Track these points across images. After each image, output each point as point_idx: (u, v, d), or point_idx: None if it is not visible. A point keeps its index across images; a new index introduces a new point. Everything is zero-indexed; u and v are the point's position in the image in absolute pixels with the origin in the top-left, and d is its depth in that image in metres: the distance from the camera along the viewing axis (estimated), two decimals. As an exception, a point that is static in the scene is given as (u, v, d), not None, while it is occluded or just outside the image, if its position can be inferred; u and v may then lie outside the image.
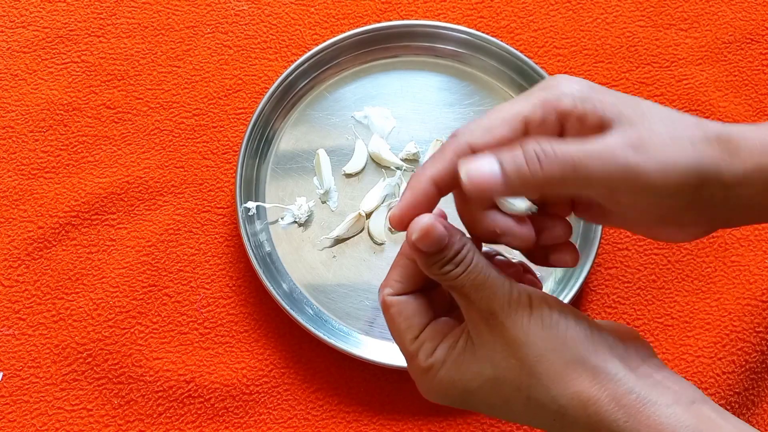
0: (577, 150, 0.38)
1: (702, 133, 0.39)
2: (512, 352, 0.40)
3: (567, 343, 0.40)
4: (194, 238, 0.66)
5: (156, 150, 0.69)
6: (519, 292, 0.41)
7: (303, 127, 0.68)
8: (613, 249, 0.66)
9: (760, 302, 0.63)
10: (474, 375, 0.42)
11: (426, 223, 0.40)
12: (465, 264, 0.41)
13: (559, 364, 0.40)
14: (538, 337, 0.40)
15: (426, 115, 0.69)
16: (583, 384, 0.40)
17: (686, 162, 0.38)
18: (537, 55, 0.72)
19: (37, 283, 0.64)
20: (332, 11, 0.74)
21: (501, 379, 0.41)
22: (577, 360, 0.40)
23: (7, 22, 0.73)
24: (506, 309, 0.41)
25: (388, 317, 0.44)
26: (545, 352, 0.40)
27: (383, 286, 0.45)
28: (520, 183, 0.38)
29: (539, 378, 0.40)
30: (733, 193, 0.40)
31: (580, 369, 0.40)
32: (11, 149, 0.68)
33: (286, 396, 0.61)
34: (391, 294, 0.44)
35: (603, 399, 0.39)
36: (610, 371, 0.40)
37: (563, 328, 0.41)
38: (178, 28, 0.73)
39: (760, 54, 0.73)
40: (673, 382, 0.41)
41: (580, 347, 0.40)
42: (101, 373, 0.62)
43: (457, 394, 0.43)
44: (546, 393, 0.40)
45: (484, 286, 0.41)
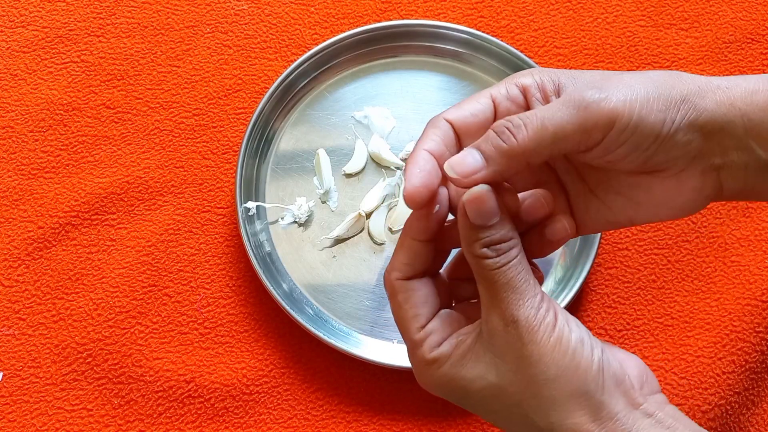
0: (542, 110, 0.39)
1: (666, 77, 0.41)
2: (522, 368, 0.40)
3: (578, 372, 0.40)
4: (194, 238, 0.66)
5: (156, 150, 0.69)
6: (546, 309, 0.40)
7: (303, 127, 0.68)
8: (613, 249, 0.66)
9: (760, 302, 0.63)
10: (476, 377, 0.41)
11: (482, 189, 0.39)
12: (507, 257, 0.40)
13: (565, 393, 0.39)
14: (552, 361, 0.39)
15: (426, 115, 0.69)
16: (583, 418, 0.39)
17: (646, 91, 0.39)
18: (537, 55, 0.72)
19: (37, 283, 0.64)
20: (332, 11, 0.74)
21: (503, 389, 0.41)
22: (583, 392, 0.39)
23: (6, 22, 0.73)
24: (530, 322, 0.40)
25: (394, 303, 0.44)
26: (555, 378, 0.39)
27: (389, 269, 0.44)
28: (501, 159, 0.39)
29: (541, 401, 0.40)
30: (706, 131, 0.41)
31: (583, 402, 0.39)
32: (11, 149, 0.68)
33: (286, 396, 0.62)
34: (400, 278, 0.43)
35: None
36: (612, 409, 0.39)
37: (578, 356, 0.40)
38: (177, 27, 0.73)
39: (760, 54, 0.73)
40: (674, 419, 0.40)
41: (588, 379, 0.40)
42: (101, 373, 0.62)
43: (456, 392, 0.42)
44: (544, 418, 0.40)
45: (516, 289, 0.40)
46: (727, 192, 0.43)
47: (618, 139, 0.40)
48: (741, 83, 0.41)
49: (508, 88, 0.43)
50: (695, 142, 0.41)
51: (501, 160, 0.40)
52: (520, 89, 0.42)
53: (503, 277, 0.40)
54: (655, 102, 0.40)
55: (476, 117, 0.43)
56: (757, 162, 0.41)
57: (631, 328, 0.64)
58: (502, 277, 0.40)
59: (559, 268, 0.64)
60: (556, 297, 0.62)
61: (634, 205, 0.44)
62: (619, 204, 0.44)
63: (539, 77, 0.42)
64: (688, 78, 0.41)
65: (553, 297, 0.62)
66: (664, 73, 0.41)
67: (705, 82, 0.41)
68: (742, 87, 0.41)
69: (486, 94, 0.43)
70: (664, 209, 0.43)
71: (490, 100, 0.43)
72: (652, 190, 0.43)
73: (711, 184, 0.42)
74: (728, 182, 0.42)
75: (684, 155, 0.41)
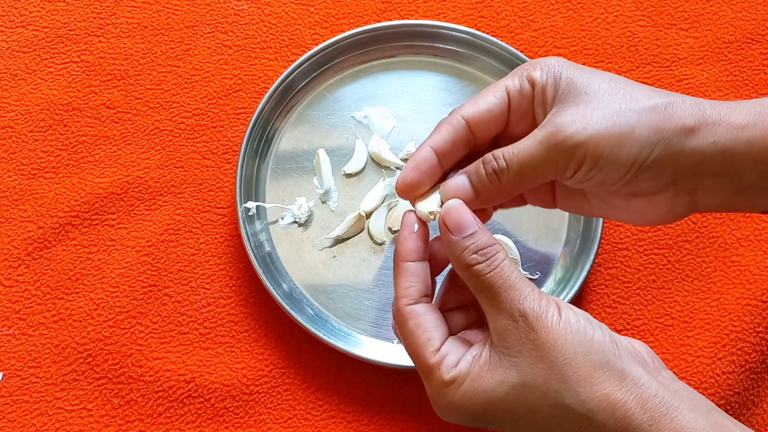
0: (523, 151, 0.43)
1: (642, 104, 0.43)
2: (540, 356, 0.41)
3: (594, 346, 0.41)
4: (194, 238, 0.66)
5: (156, 150, 0.69)
6: (548, 299, 0.42)
7: (303, 127, 0.68)
8: (613, 249, 0.66)
9: (760, 302, 0.63)
10: (498, 383, 0.42)
11: (455, 202, 0.44)
12: (494, 261, 0.42)
13: (587, 367, 0.40)
14: (567, 341, 0.41)
15: (426, 115, 0.69)
16: (612, 387, 0.40)
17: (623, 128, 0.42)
18: (537, 55, 0.72)
19: (37, 283, 0.64)
20: (332, 11, 0.74)
21: (527, 385, 0.41)
22: (605, 364, 0.40)
23: (6, 22, 0.73)
24: (537, 311, 0.41)
25: (405, 331, 0.45)
26: (574, 356, 0.40)
27: (395, 300, 0.45)
28: (489, 194, 0.45)
29: (568, 381, 0.40)
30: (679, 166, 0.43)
31: (607, 373, 0.40)
32: (11, 149, 0.69)
33: (286, 396, 0.62)
34: (407, 303, 0.44)
35: (630, 402, 0.40)
36: (635, 375, 0.40)
37: (590, 333, 0.41)
38: (177, 27, 0.73)
39: (760, 54, 0.73)
40: (688, 392, 0.42)
41: (606, 351, 0.41)
42: (101, 373, 0.62)
43: (480, 407, 0.42)
44: (574, 397, 0.40)
45: (515, 286, 0.42)
46: (702, 209, 0.45)
47: (587, 175, 0.43)
48: (731, 117, 0.43)
49: (521, 82, 0.45)
50: (665, 176, 0.43)
51: (488, 195, 0.45)
52: (530, 84, 0.45)
53: (499, 278, 0.42)
54: (629, 142, 0.42)
55: (491, 113, 0.46)
56: (733, 185, 0.43)
57: (631, 328, 0.64)
58: (499, 279, 0.42)
59: (559, 268, 0.64)
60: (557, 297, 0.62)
61: (611, 208, 0.46)
62: (597, 203, 0.47)
63: (545, 76, 0.45)
64: (680, 110, 0.43)
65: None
66: (658, 103, 0.43)
67: (695, 117, 0.43)
68: (729, 122, 0.42)
69: (501, 87, 0.46)
70: (639, 218, 0.46)
71: (505, 94, 0.46)
72: (626, 203, 0.46)
73: (684, 203, 0.45)
74: (703, 201, 0.45)
75: (654, 186, 0.44)
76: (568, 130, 0.42)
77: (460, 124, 0.46)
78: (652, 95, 0.44)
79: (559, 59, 0.46)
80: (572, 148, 0.42)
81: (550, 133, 0.43)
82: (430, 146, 0.46)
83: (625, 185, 0.44)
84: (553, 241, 0.64)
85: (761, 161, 0.42)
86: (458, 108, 0.46)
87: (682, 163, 0.43)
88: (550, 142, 0.43)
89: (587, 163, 0.42)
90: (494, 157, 0.44)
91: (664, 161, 0.43)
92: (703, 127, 0.42)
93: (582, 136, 0.42)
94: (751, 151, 0.42)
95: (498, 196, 0.45)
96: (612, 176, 0.43)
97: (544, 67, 0.45)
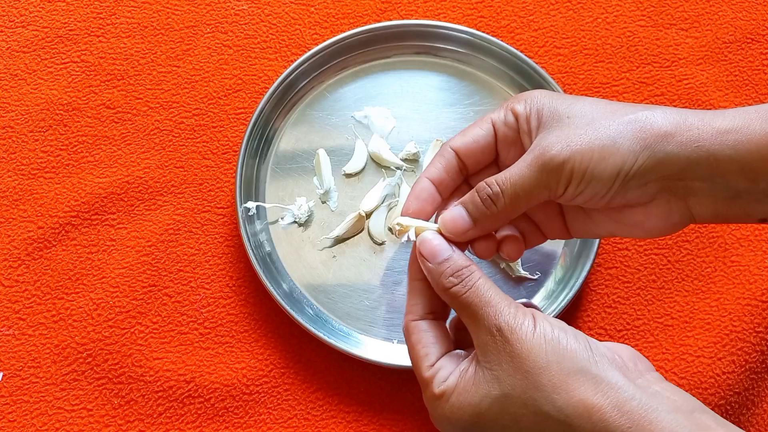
0: (516, 175, 0.46)
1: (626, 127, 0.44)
2: (518, 367, 0.42)
3: (568, 355, 0.42)
4: (194, 238, 0.66)
5: (156, 150, 0.69)
6: (524, 312, 0.44)
7: (303, 127, 0.68)
8: (613, 249, 0.66)
9: (760, 302, 0.63)
10: (483, 396, 0.43)
11: (428, 234, 0.47)
12: (469, 281, 0.45)
13: (562, 374, 0.42)
14: (541, 350, 0.42)
15: (426, 115, 0.69)
16: (587, 392, 0.41)
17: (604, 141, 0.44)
18: (537, 55, 0.72)
19: (37, 283, 0.64)
20: (332, 11, 0.74)
21: (508, 396, 0.43)
22: (579, 370, 0.42)
23: (6, 22, 0.73)
24: (511, 324, 0.43)
25: (409, 345, 0.48)
26: (548, 364, 0.42)
27: (405, 314, 0.49)
28: (486, 221, 0.47)
29: (543, 389, 0.42)
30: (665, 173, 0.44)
31: (582, 378, 0.41)
32: (11, 149, 0.69)
33: (286, 396, 0.62)
34: (413, 319, 0.48)
35: (606, 406, 0.40)
36: (611, 380, 0.41)
37: (564, 342, 0.43)
38: (177, 28, 0.73)
39: (760, 54, 0.73)
40: (672, 392, 0.42)
41: (581, 358, 0.42)
42: (101, 373, 0.62)
43: (468, 420, 0.44)
44: (552, 404, 0.41)
45: (490, 303, 0.44)
46: (698, 218, 0.46)
47: (577, 189, 0.45)
48: (715, 122, 0.44)
49: (505, 114, 0.48)
50: (653, 183, 0.45)
51: (486, 222, 0.47)
52: (514, 115, 0.48)
53: (475, 297, 0.45)
54: (612, 153, 0.44)
55: (478, 144, 0.49)
56: (725, 191, 0.44)
57: (631, 328, 0.64)
58: (475, 298, 0.45)
59: (559, 268, 0.64)
60: (556, 297, 0.62)
61: (613, 223, 0.48)
62: (601, 220, 0.48)
63: (528, 108, 0.47)
64: (660, 118, 0.44)
65: (553, 297, 0.62)
66: (638, 115, 0.45)
67: (676, 123, 0.44)
68: (713, 127, 0.43)
69: (487, 119, 0.49)
70: (638, 230, 0.48)
71: (491, 126, 0.49)
72: (624, 215, 0.47)
73: (679, 211, 0.46)
74: (697, 209, 0.46)
75: (643, 194, 0.45)
76: (554, 150, 0.44)
77: (450, 154, 0.49)
78: (633, 109, 0.45)
79: (542, 92, 0.48)
80: (559, 166, 0.44)
81: (537, 155, 0.45)
82: (426, 177, 0.49)
83: (616, 196, 0.45)
84: (553, 241, 0.64)
85: (748, 166, 0.43)
86: (447, 142, 0.50)
87: (667, 168, 0.44)
88: (538, 164, 0.45)
89: (575, 178, 0.44)
90: (488, 184, 0.46)
91: (649, 168, 0.44)
92: (683, 131, 0.44)
93: (567, 153, 0.44)
94: (737, 155, 0.43)
95: (496, 222, 0.48)
96: (601, 188, 0.45)
97: (528, 99, 0.48)
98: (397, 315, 0.62)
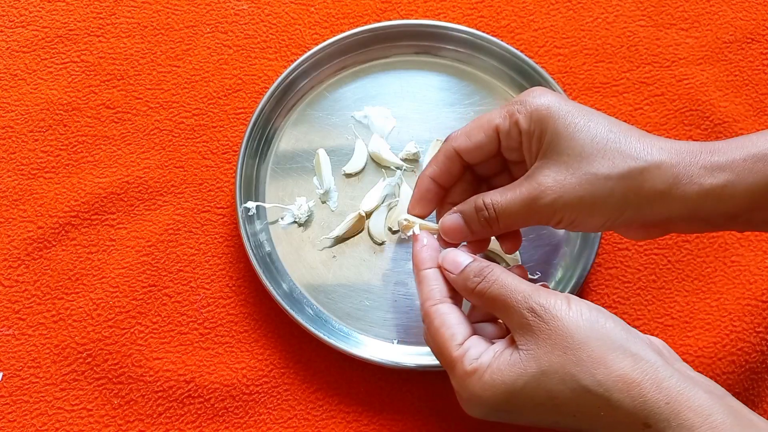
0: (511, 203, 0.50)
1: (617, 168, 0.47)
2: (557, 343, 0.43)
3: (606, 332, 0.44)
4: (194, 238, 0.66)
5: (156, 150, 0.69)
6: (555, 294, 0.45)
7: (303, 127, 0.68)
8: (613, 249, 0.66)
9: (760, 302, 0.63)
10: (518, 374, 0.44)
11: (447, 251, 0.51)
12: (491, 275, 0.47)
13: (602, 350, 0.43)
14: (579, 327, 0.44)
15: (426, 115, 0.69)
16: (626, 368, 0.42)
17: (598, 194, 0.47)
18: (537, 54, 0.72)
19: (37, 283, 0.64)
20: (332, 11, 0.74)
21: (545, 372, 0.43)
22: (618, 347, 0.43)
23: (6, 22, 0.73)
24: (544, 304, 0.45)
25: (432, 329, 0.49)
26: (587, 339, 0.43)
27: (422, 301, 0.50)
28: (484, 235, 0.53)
29: (583, 364, 0.43)
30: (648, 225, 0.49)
31: (621, 355, 0.43)
32: (11, 149, 0.69)
33: (286, 396, 0.62)
34: (433, 304, 0.49)
35: (645, 382, 0.42)
36: (649, 359, 0.43)
37: (603, 321, 0.44)
38: (177, 27, 0.73)
39: (760, 54, 0.73)
40: (704, 378, 0.45)
41: (618, 336, 0.44)
42: (101, 373, 0.62)
43: (501, 397, 0.45)
44: (591, 378, 0.42)
45: (517, 290, 0.46)
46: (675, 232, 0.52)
47: (564, 228, 0.50)
48: (703, 180, 0.46)
49: (510, 127, 0.51)
50: (634, 227, 0.50)
51: (482, 234, 0.53)
52: (518, 130, 0.50)
53: (501, 287, 0.46)
54: (600, 209, 0.48)
55: (482, 149, 0.52)
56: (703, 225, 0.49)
57: (631, 328, 0.64)
58: (501, 288, 0.46)
59: (559, 268, 0.64)
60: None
61: None
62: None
63: (531, 126, 0.50)
64: (658, 177, 0.47)
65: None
66: (637, 168, 0.47)
67: (666, 182, 0.47)
68: (700, 185, 0.46)
69: (492, 126, 0.51)
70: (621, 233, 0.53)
71: (495, 134, 0.51)
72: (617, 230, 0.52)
73: (657, 233, 0.51)
74: (674, 229, 0.50)
75: (625, 231, 0.51)
76: (547, 197, 0.48)
77: (453, 154, 0.53)
78: (632, 155, 0.47)
79: (546, 100, 0.50)
80: (551, 212, 0.49)
81: (531, 195, 0.49)
82: (430, 177, 0.54)
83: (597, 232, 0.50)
84: (553, 241, 0.64)
85: (730, 212, 0.47)
86: (453, 137, 0.53)
87: (650, 219, 0.48)
88: (531, 204, 0.49)
89: (563, 223, 0.49)
90: (485, 207, 0.51)
91: (633, 219, 0.48)
92: (673, 190, 0.47)
93: (559, 204, 0.48)
94: (719, 204, 0.47)
95: (492, 234, 0.53)
96: (587, 229, 0.50)
97: (533, 114, 0.49)
98: (397, 315, 0.63)
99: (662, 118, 0.70)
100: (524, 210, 0.50)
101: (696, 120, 0.70)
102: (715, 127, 0.70)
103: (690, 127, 0.70)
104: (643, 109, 0.71)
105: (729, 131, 0.70)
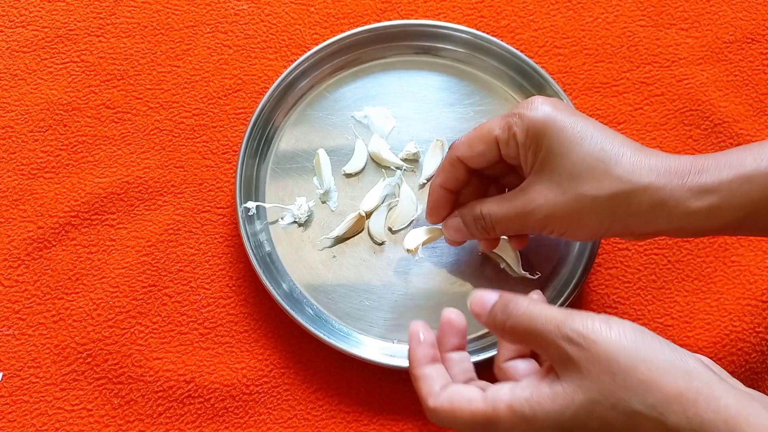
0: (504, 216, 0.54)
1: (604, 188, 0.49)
2: (603, 369, 0.41)
3: (655, 353, 0.41)
4: (194, 238, 0.66)
5: (156, 150, 0.69)
6: (592, 316, 0.43)
7: (303, 127, 0.68)
8: (613, 249, 0.66)
9: (760, 302, 0.63)
10: (565, 406, 0.42)
11: (473, 296, 0.49)
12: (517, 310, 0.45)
13: (652, 372, 0.40)
14: (626, 349, 0.41)
15: (426, 115, 0.69)
16: (679, 388, 0.40)
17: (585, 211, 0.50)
18: (537, 54, 0.72)
19: (37, 283, 0.64)
20: (332, 11, 0.74)
21: (594, 400, 0.41)
22: (669, 367, 0.41)
23: (6, 22, 0.73)
24: (581, 331, 0.42)
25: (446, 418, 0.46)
26: (635, 362, 0.41)
27: (425, 400, 0.47)
28: (482, 237, 0.57)
29: (634, 388, 0.40)
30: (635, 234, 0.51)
31: (673, 375, 0.40)
32: (11, 149, 0.69)
33: (286, 396, 0.62)
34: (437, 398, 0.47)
35: (701, 402, 0.39)
36: (703, 377, 0.40)
37: (649, 341, 0.42)
38: (177, 27, 0.73)
39: (760, 54, 0.73)
40: (759, 395, 0.42)
41: (668, 357, 0.41)
42: (101, 373, 0.62)
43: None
44: (643, 403, 0.40)
45: (548, 320, 0.44)
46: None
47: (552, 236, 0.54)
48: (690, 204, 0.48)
49: (509, 138, 0.53)
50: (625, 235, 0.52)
51: (482, 238, 0.57)
52: (515, 142, 0.53)
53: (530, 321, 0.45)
54: (587, 224, 0.51)
55: (484, 157, 0.55)
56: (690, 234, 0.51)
57: (631, 328, 0.64)
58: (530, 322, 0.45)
59: (560, 268, 0.64)
60: (557, 297, 0.62)
61: None
62: None
63: (528, 141, 0.52)
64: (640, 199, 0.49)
65: (553, 297, 0.62)
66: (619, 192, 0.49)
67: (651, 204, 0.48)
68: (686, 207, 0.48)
69: (492, 137, 0.54)
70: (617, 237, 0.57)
71: (495, 145, 0.54)
72: None
73: (648, 238, 0.53)
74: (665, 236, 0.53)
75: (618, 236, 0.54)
76: (539, 214, 0.52)
77: (458, 163, 0.56)
78: (620, 177, 0.49)
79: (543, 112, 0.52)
80: (542, 226, 0.53)
81: (524, 210, 0.53)
82: (440, 185, 0.57)
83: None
84: (553, 241, 0.64)
85: (715, 227, 0.49)
86: (455, 146, 0.56)
87: (636, 232, 0.51)
88: (523, 218, 0.53)
89: (554, 234, 0.53)
90: (482, 216, 0.55)
91: (622, 232, 0.51)
92: (660, 211, 0.48)
93: (549, 220, 0.52)
94: (706, 222, 0.48)
95: (491, 237, 0.57)
96: (577, 239, 0.55)
97: (530, 129, 0.52)
98: (396, 315, 0.62)
99: (662, 118, 0.70)
100: (517, 222, 0.53)
101: (696, 120, 0.70)
102: (715, 127, 0.70)
103: (690, 127, 0.70)
104: (643, 109, 0.71)
105: (729, 131, 0.70)
